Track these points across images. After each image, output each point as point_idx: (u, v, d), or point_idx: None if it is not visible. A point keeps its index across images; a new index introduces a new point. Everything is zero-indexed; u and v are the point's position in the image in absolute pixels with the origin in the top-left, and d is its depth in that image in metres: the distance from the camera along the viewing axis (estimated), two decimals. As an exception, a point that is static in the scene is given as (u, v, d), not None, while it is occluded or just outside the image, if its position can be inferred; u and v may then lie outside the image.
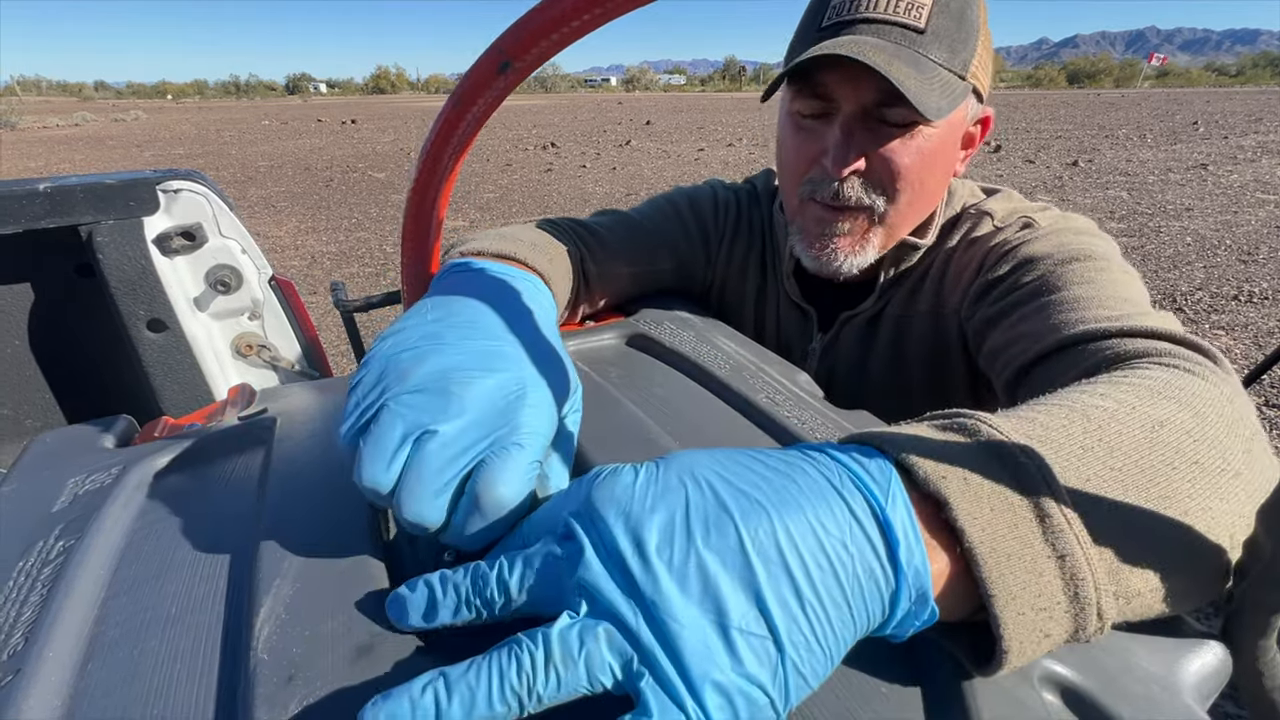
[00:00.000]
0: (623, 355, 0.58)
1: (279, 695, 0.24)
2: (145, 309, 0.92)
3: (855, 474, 0.25)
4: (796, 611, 0.22)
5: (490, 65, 0.30)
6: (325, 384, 0.56)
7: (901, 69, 0.52)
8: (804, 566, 0.23)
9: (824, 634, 0.23)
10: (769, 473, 0.25)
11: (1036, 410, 0.31)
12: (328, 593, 0.29)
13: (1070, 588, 0.24)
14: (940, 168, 0.61)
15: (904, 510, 0.24)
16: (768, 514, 0.24)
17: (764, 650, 0.22)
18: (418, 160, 0.35)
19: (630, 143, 12.40)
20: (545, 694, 0.22)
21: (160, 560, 0.35)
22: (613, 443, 0.40)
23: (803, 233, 0.66)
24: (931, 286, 0.67)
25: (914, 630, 0.25)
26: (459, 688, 0.22)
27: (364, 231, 5.60)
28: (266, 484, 0.39)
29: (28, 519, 0.40)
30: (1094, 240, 0.57)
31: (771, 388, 0.50)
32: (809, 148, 0.61)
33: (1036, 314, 0.51)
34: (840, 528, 0.24)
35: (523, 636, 0.23)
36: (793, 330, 0.76)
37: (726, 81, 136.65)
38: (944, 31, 0.55)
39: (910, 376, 0.69)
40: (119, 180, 0.88)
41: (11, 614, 0.32)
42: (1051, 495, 0.25)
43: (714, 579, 0.22)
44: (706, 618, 0.22)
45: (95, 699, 0.27)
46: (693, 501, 0.24)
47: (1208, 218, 5.37)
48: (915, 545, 0.24)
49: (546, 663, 0.22)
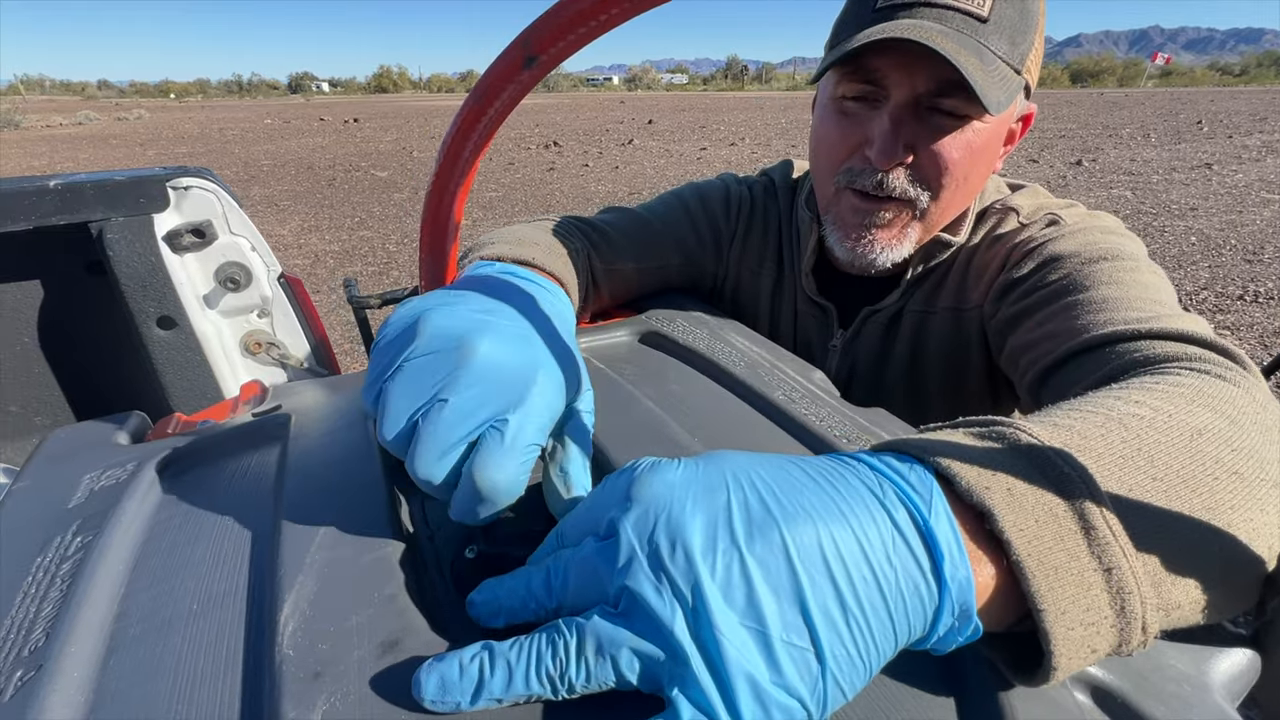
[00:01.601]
0: (636, 352, 0.58)
1: (306, 692, 0.24)
2: (155, 306, 0.92)
3: (896, 483, 0.25)
4: (840, 624, 0.22)
5: (514, 60, 0.30)
6: (337, 381, 0.56)
7: (967, 58, 0.50)
8: (848, 578, 0.22)
9: (865, 648, 0.22)
10: (810, 480, 0.25)
11: (1071, 417, 0.31)
12: (351, 588, 0.29)
13: (1117, 601, 0.24)
14: (985, 163, 0.59)
15: (947, 522, 0.24)
16: (812, 522, 0.23)
17: (805, 662, 0.22)
18: (438, 155, 0.35)
19: (633, 142, 12.39)
20: (576, 682, 0.22)
21: (179, 556, 0.35)
22: (632, 439, 0.40)
23: (838, 222, 0.64)
24: (954, 283, 0.66)
25: (955, 645, 0.24)
26: (500, 663, 0.23)
27: (367, 230, 5.60)
28: (284, 480, 0.39)
29: (44, 515, 0.40)
30: (1121, 239, 0.56)
31: (788, 385, 0.49)
32: (851, 134, 0.59)
33: (1062, 314, 0.50)
34: (884, 539, 0.23)
35: (561, 624, 0.23)
36: (811, 327, 0.75)
37: (729, 81, 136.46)
38: (1006, 22, 0.53)
39: (928, 373, 0.68)
40: (129, 177, 0.88)
41: (31, 610, 0.32)
42: (1096, 505, 0.24)
43: (757, 587, 0.22)
44: (748, 626, 0.22)
45: (119, 695, 0.27)
46: (735, 503, 0.24)
47: (1212, 217, 5.35)
48: (959, 559, 0.23)
49: (578, 653, 0.22)
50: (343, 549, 0.32)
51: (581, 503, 0.28)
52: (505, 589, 0.27)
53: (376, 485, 0.37)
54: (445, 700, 0.23)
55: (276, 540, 0.33)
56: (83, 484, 0.43)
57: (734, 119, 18.22)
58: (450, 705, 0.23)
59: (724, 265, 0.79)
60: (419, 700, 0.23)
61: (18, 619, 0.32)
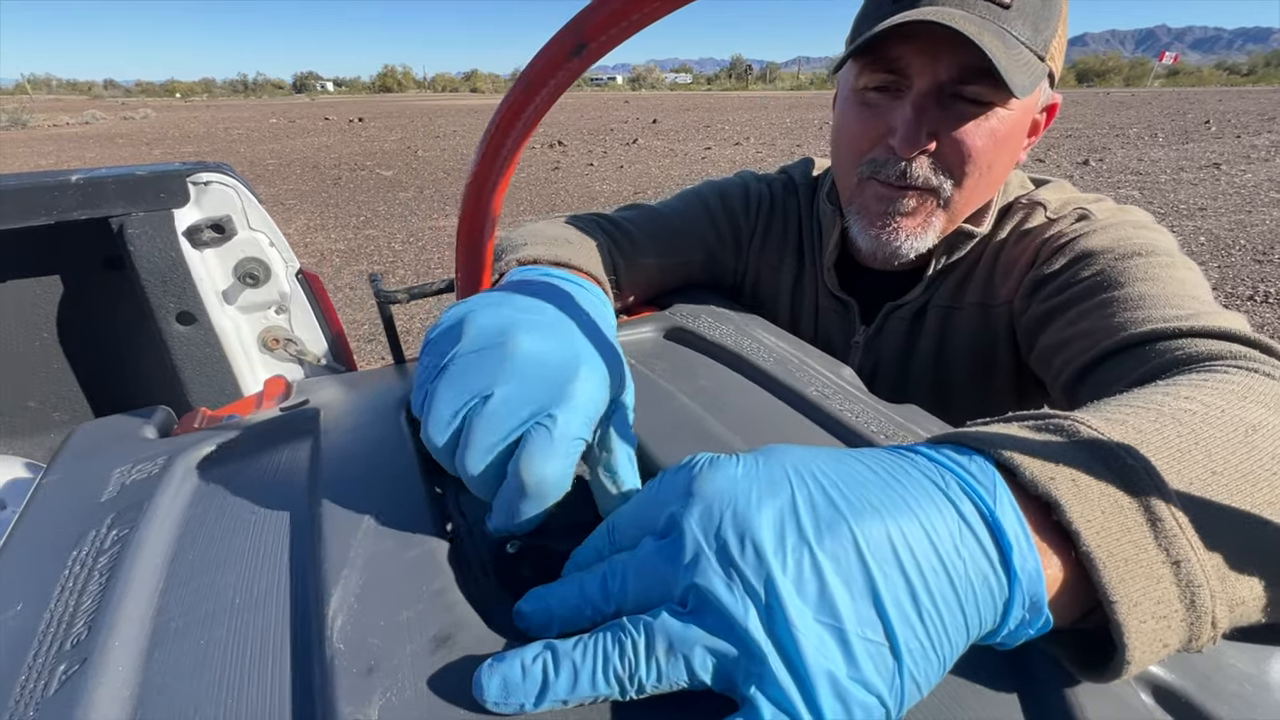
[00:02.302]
0: (663, 348, 0.58)
1: (361, 686, 0.24)
2: (175, 301, 0.92)
3: (959, 475, 0.24)
4: (914, 618, 0.22)
5: (564, 47, 0.29)
6: (359, 376, 0.56)
7: (991, 42, 0.50)
8: (919, 571, 0.22)
9: (939, 641, 0.22)
10: (871, 473, 0.24)
11: (1121, 411, 0.30)
12: (398, 582, 0.29)
13: (1186, 595, 0.23)
14: (1009, 152, 0.59)
15: (1013, 513, 0.23)
16: (880, 516, 0.23)
17: (881, 657, 0.21)
18: (479, 147, 0.34)
19: (637, 141, 12.38)
20: (647, 682, 0.22)
21: (218, 550, 0.34)
22: (672, 436, 0.40)
23: (862, 212, 0.63)
24: (981, 278, 0.65)
25: (1024, 639, 0.24)
26: (565, 664, 0.22)
27: (372, 229, 5.61)
28: (319, 474, 0.39)
29: (77, 509, 0.40)
30: (1154, 234, 0.55)
31: (820, 381, 0.49)
32: (873, 125, 0.59)
33: (1097, 311, 0.50)
34: (951, 531, 0.23)
35: (626, 622, 0.23)
36: (833, 323, 0.75)
37: (733, 80, 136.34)
38: (1029, 7, 0.53)
39: (954, 369, 0.68)
40: (150, 172, 0.88)
41: (71, 603, 0.32)
42: (1161, 498, 0.24)
43: (830, 582, 0.21)
44: (823, 622, 0.21)
45: (165, 689, 0.27)
46: (800, 499, 0.23)
47: (1221, 217, 5.32)
48: (1028, 550, 0.23)
49: (648, 653, 0.22)
50: (385, 543, 0.31)
51: (633, 500, 0.28)
52: (556, 597, 0.26)
53: (413, 479, 0.37)
54: (508, 702, 0.22)
55: (317, 534, 0.33)
56: (113, 478, 0.43)
57: (738, 118, 18.20)
58: (513, 707, 0.23)
59: (744, 261, 0.79)
60: (480, 702, 0.23)
61: (57, 612, 0.31)
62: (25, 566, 0.35)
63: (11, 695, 0.27)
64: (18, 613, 0.32)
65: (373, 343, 3.31)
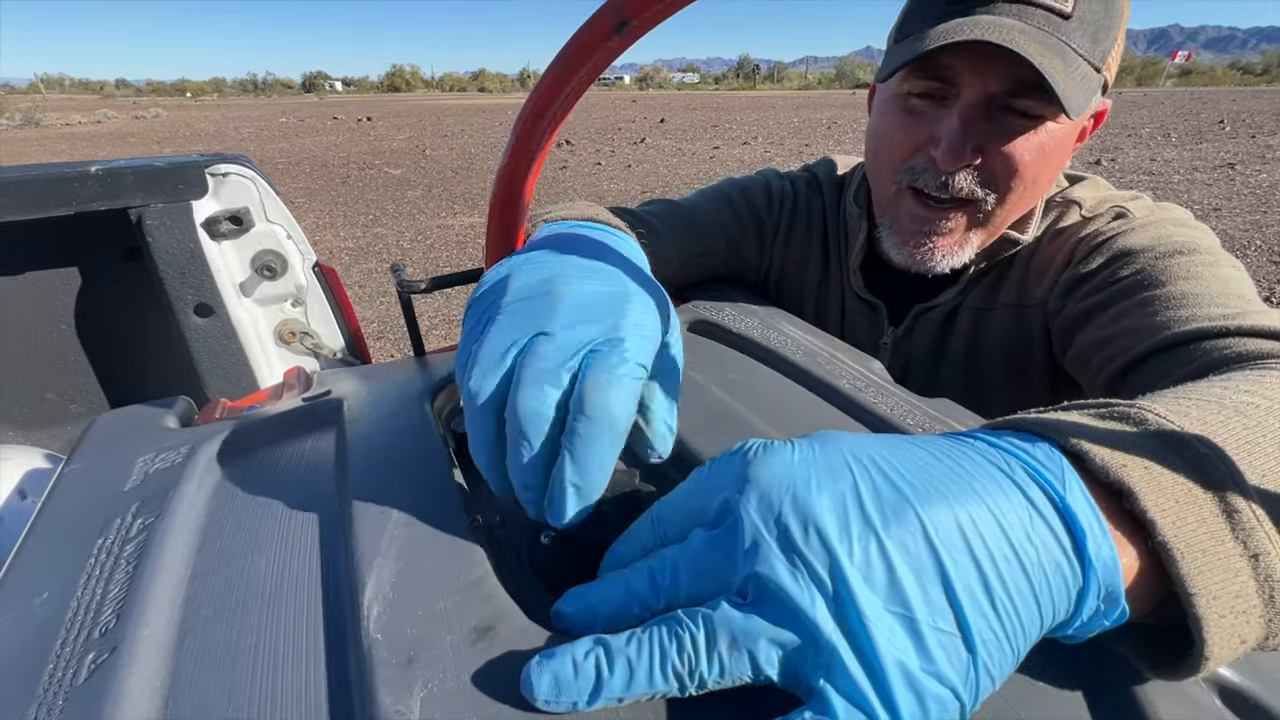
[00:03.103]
0: (689, 340, 0.57)
1: (401, 677, 0.23)
2: (193, 293, 0.92)
3: (1024, 460, 0.23)
4: (987, 607, 0.21)
5: (605, 24, 0.28)
6: (381, 368, 0.55)
7: (1050, 60, 0.47)
8: (991, 559, 0.21)
9: (1014, 632, 0.21)
10: (933, 458, 0.23)
11: (1182, 403, 0.29)
12: (434, 572, 0.28)
13: (1265, 590, 0.22)
14: (1055, 165, 0.57)
15: (1084, 499, 0.22)
16: (946, 501, 0.22)
17: (955, 649, 0.20)
18: (513, 129, 0.33)
19: (645, 140, 12.37)
20: (709, 678, 0.21)
21: (246, 538, 0.34)
22: (708, 427, 0.39)
23: (895, 227, 0.62)
24: (1016, 278, 0.64)
25: (1099, 630, 0.23)
26: (619, 660, 0.21)
27: (380, 227, 5.63)
28: (346, 464, 0.38)
29: (100, 497, 0.39)
30: (1195, 232, 0.54)
31: (850, 374, 0.48)
32: (916, 133, 0.56)
33: (1139, 310, 0.48)
34: (1021, 518, 0.22)
35: (683, 615, 0.22)
36: (860, 324, 0.73)
37: (741, 80, 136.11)
38: (1090, 18, 0.50)
39: (987, 370, 0.66)
40: (169, 163, 0.88)
41: (98, 591, 0.31)
42: (1237, 489, 0.23)
43: (899, 570, 0.21)
44: (893, 612, 0.20)
45: (197, 677, 0.26)
46: (863, 485, 0.22)
47: (1236, 218, 5.26)
48: (1103, 538, 0.22)
49: (709, 647, 0.21)
50: (418, 533, 0.31)
51: (679, 490, 0.27)
52: (599, 596, 0.25)
53: (441, 470, 0.36)
54: (560, 700, 0.21)
55: (347, 523, 0.32)
56: (136, 467, 0.42)
57: (746, 118, 18.15)
58: (565, 705, 0.21)
59: (767, 258, 0.77)
60: (530, 700, 0.22)
61: (84, 600, 0.31)
62: (50, 555, 0.34)
63: (40, 684, 0.26)
64: (44, 601, 0.31)
65: (382, 340, 3.32)
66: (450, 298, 3.74)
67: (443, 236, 5.34)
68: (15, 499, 0.72)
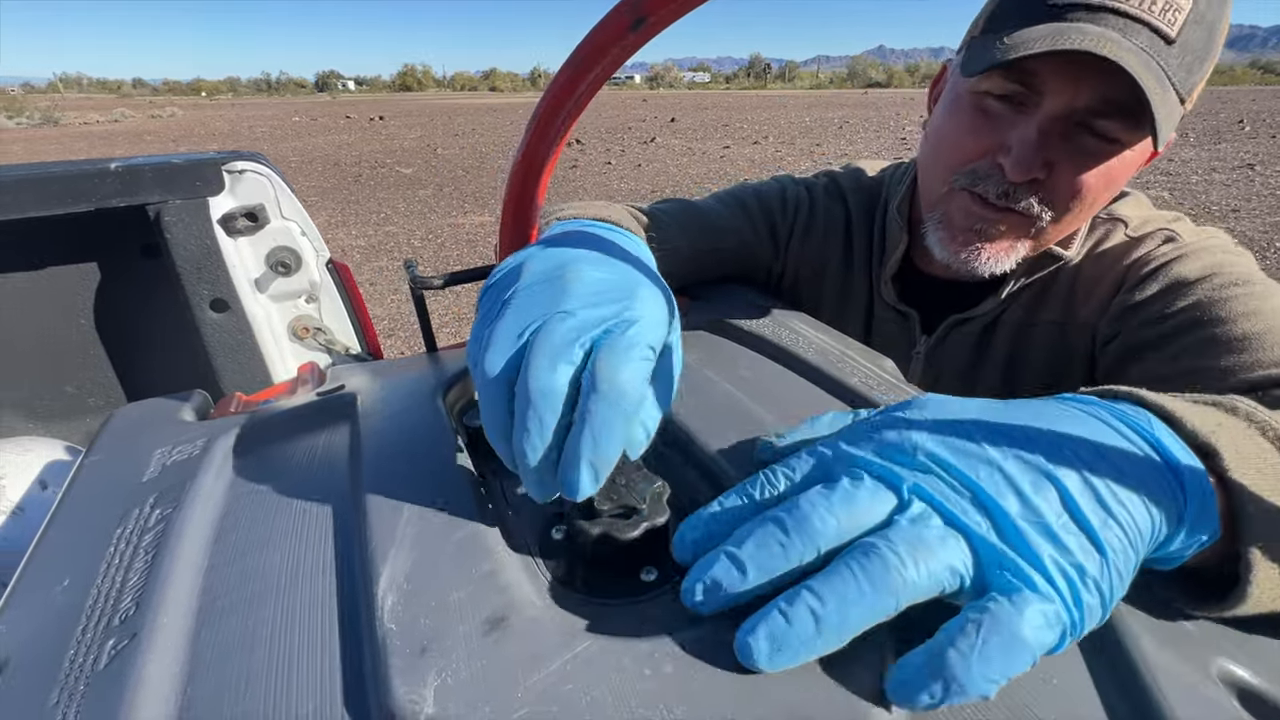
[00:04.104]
0: (698, 337, 0.57)
1: (415, 667, 0.23)
2: (209, 289, 0.93)
3: (1111, 409, 0.27)
4: (1106, 516, 0.24)
5: (621, 21, 0.29)
6: (394, 364, 0.56)
7: (1152, 84, 0.44)
8: (1099, 477, 0.24)
9: (1134, 536, 0.24)
10: (1020, 408, 0.27)
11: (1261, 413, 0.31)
12: (447, 563, 0.28)
13: None
14: (1116, 189, 0.55)
15: (1172, 439, 0.26)
16: (1055, 431, 0.25)
17: (1089, 549, 0.23)
18: (527, 127, 0.34)
19: (655, 140, 12.37)
20: (920, 587, 0.23)
21: (261, 530, 0.34)
22: (717, 421, 0.39)
23: (944, 222, 0.59)
24: (1059, 295, 0.62)
25: (1194, 550, 0.26)
26: (829, 597, 0.22)
27: (392, 226, 5.66)
28: (359, 458, 0.38)
29: (119, 488, 0.40)
30: (1239, 259, 0.54)
31: (862, 372, 0.48)
32: (987, 136, 0.54)
33: (1199, 350, 0.48)
34: (1120, 445, 0.25)
35: (874, 541, 0.23)
36: (890, 334, 0.72)
37: (752, 79, 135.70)
38: (1191, 46, 0.47)
39: (1023, 386, 0.65)
40: (186, 160, 0.89)
41: (118, 579, 0.32)
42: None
43: (1028, 493, 0.24)
44: (1028, 519, 0.23)
45: (214, 666, 0.26)
46: (975, 425, 0.26)
47: (1255, 219, 5.18)
48: (1195, 462, 0.25)
49: (903, 564, 0.22)
50: (431, 525, 0.31)
51: (789, 461, 0.28)
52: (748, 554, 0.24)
53: (454, 464, 0.37)
54: (780, 657, 0.22)
55: (361, 517, 0.32)
56: (154, 459, 0.43)
57: (757, 117, 18.10)
58: (784, 663, 0.22)
59: (780, 263, 0.77)
60: (751, 666, 0.22)
61: (104, 588, 0.31)
62: (70, 543, 0.35)
63: (61, 669, 0.27)
64: (65, 588, 0.32)
65: (393, 337, 3.34)
66: (460, 296, 3.76)
67: (453, 235, 5.37)
68: (36, 489, 0.73)
